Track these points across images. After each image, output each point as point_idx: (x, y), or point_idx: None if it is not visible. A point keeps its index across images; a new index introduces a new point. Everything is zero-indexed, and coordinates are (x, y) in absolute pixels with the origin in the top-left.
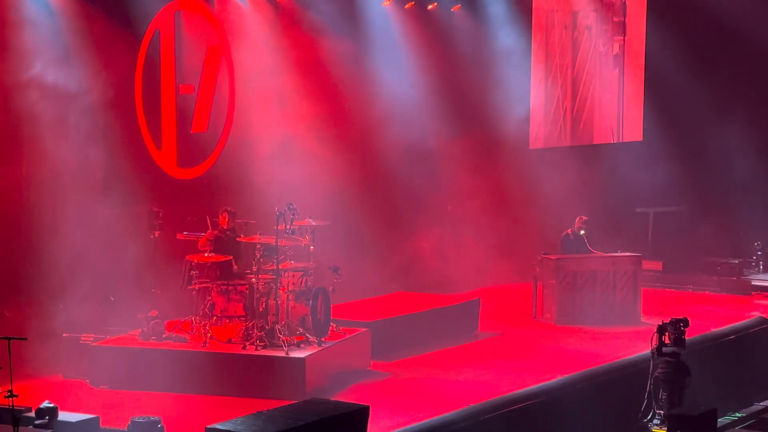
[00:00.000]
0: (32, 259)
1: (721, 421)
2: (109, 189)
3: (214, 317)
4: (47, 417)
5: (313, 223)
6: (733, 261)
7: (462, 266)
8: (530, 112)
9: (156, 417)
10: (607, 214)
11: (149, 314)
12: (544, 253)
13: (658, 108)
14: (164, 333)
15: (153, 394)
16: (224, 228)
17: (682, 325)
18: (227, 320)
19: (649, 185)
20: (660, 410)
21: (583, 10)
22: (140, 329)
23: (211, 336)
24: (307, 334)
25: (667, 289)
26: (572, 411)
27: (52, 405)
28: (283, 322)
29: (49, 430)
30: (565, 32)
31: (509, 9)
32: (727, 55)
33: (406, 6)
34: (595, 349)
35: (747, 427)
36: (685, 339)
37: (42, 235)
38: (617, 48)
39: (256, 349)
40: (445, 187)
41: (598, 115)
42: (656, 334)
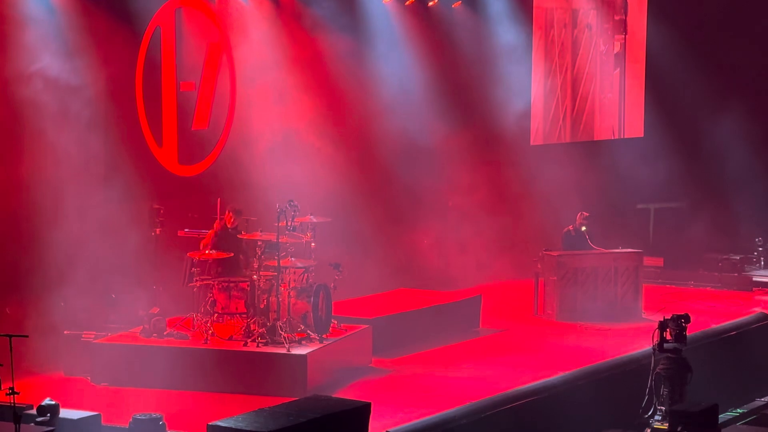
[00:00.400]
0: (33, 257)
1: (723, 417)
2: (110, 186)
3: (216, 314)
4: (48, 414)
5: (314, 219)
6: (734, 257)
7: (463, 263)
8: (530, 109)
9: (157, 414)
10: (609, 211)
11: (150, 311)
12: (545, 250)
13: (659, 105)
14: (165, 330)
15: (154, 391)
16: (228, 226)
17: (684, 321)
18: (228, 317)
19: (650, 181)
20: (661, 406)
21: (583, 8)
22: (141, 326)
23: (212, 333)
24: (308, 331)
25: (668, 285)
26: (574, 407)
27: (53, 402)
28: (284, 319)
29: (50, 428)
30: (565, 30)
31: (509, 6)
32: (727, 52)
33: (407, 2)
34: (596, 345)
35: (748, 423)
36: (687, 335)
37: (43, 232)
38: (618, 47)
39: (257, 346)
40: (446, 183)
41: (599, 114)
42: (657, 331)
